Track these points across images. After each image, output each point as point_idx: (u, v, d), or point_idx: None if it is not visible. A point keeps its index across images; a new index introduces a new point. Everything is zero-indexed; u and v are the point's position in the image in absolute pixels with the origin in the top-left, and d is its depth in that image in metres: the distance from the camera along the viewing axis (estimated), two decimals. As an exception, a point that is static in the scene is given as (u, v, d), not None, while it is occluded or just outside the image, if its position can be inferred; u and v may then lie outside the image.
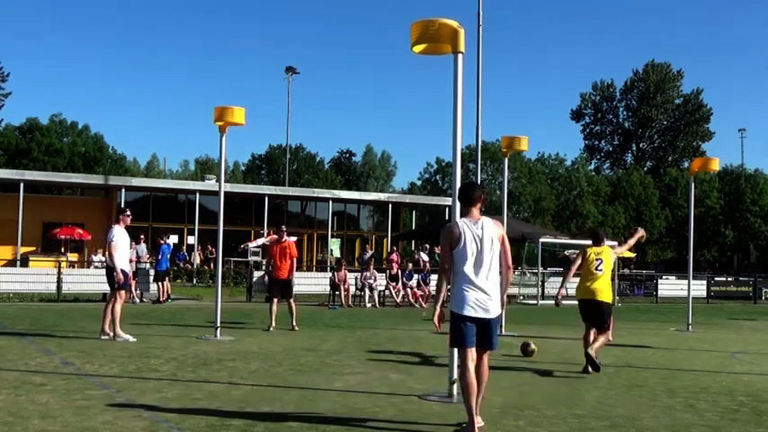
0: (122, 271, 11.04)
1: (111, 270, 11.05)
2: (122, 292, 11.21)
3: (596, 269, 9.12)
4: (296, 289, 22.00)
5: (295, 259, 13.58)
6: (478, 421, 5.62)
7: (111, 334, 10.81)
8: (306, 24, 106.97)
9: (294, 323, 12.98)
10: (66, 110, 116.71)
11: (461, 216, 5.84)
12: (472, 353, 5.56)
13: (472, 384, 5.49)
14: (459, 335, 5.56)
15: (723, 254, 62.46)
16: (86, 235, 30.89)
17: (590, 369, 8.65)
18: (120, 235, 11.17)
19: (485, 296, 5.54)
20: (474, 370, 5.58)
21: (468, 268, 5.53)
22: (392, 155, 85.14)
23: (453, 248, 5.58)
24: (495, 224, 5.73)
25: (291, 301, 13.26)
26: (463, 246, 5.55)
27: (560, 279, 26.92)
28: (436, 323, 5.73)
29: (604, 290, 9.12)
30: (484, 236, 5.58)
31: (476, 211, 5.68)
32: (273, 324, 12.86)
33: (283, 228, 13.66)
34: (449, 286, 5.75)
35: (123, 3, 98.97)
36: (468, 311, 5.50)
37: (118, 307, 10.94)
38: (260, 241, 29.54)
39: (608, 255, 9.30)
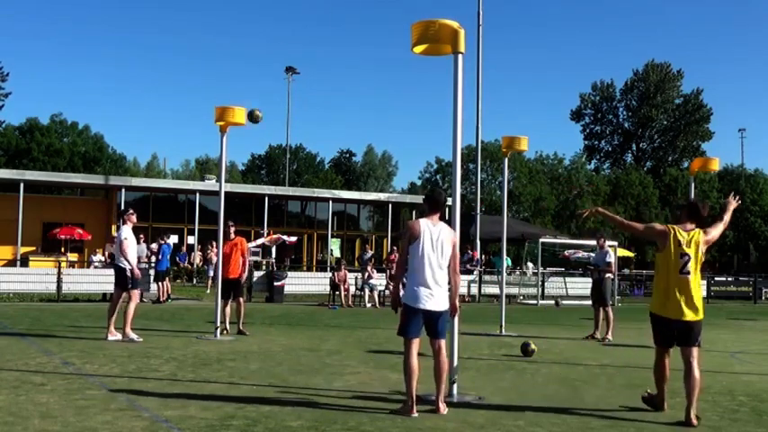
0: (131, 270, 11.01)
1: (120, 269, 10.97)
2: (136, 291, 11.12)
3: (683, 270, 6.27)
4: (296, 289, 22.37)
5: (247, 258, 12.95)
6: (443, 408, 6.21)
7: (122, 332, 10.72)
8: (306, 24, 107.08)
9: (241, 326, 12.10)
10: (67, 110, 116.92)
11: (424, 217, 6.37)
12: (416, 343, 6.16)
13: (414, 370, 6.09)
14: (408, 325, 6.17)
15: (723, 254, 62.43)
16: (86, 235, 30.89)
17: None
18: (130, 234, 11.15)
19: (434, 291, 6.13)
20: (433, 360, 6.24)
21: (422, 266, 6.12)
22: (392, 155, 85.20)
23: (411, 244, 6.19)
24: (450, 230, 6.35)
25: (241, 300, 12.51)
26: (421, 244, 6.15)
27: (560, 279, 27.02)
28: (395, 308, 6.38)
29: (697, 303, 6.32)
30: (440, 238, 6.21)
31: (437, 216, 6.32)
32: (227, 326, 12.04)
33: (230, 223, 12.83)
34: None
35: (123, 3, 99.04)
36: (419, 304, 6.11)
37: (132, 306, 10.89)
38: (259, 241, 29.53)
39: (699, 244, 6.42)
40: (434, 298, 6.13)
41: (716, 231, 6.67)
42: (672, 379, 8.56)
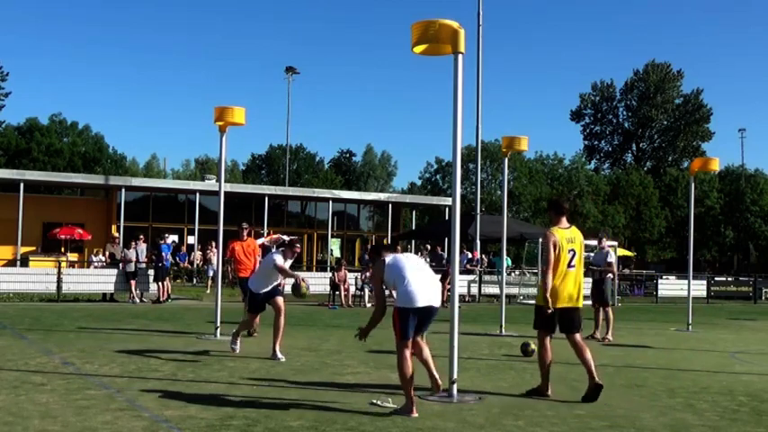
0: (254, 292, 10.08)
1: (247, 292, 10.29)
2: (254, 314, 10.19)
3: (570, 264, 7.18)
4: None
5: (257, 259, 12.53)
6: (442, 384, 6.60)
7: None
8: (306, 24, 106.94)
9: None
10: (67, 110, 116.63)
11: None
12: (410, 344, 6.29)
13: (410, 372, 6.21)
14: (407, 327, 6.23)
15: (723, 254, 62.42)
16: (86, 235, 30.88)
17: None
18: (276, 260, 9.92)
19: (428, 288, 6.31)
20: (417, 354, 6.43)
21: (409, 272, 6.31)
22: (392, 155, 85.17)
23: (385, 271, 6.42)
24: (415, 255, 6.95)
25: None
26: (393, 262, 6.41)
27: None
28: (363, 338, 6.62)
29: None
30: (412, 258, 6.72)
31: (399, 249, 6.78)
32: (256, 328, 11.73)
33: (245, 225, 12.52)
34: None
35: (123, 3, 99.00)
36: (417, 303, 6.21)
37: (281, 322, 9.98)
38: (259, 241, 29.50)
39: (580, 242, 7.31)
40: (428, 294, 6.27)
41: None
42: (670, 378, 8.57)
